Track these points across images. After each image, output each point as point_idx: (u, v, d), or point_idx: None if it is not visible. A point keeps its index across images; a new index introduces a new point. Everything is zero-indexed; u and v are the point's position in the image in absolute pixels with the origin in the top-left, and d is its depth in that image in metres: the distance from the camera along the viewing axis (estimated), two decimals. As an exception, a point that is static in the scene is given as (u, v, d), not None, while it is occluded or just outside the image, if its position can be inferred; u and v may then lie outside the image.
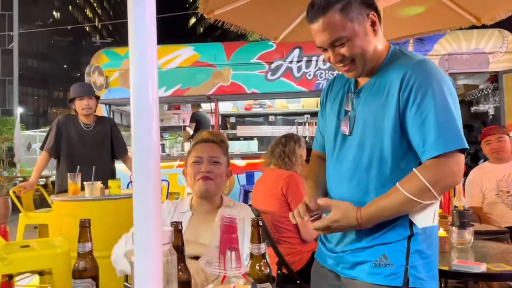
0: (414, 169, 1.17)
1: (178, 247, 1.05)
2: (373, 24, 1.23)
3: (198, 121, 6.83)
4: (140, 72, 0.62)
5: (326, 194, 1.42)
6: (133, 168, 0.63)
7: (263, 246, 1.03)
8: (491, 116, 6.20)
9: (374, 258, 1.23)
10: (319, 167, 1.47)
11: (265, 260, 1.04)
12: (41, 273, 2.04)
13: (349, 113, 1.31)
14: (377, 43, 1.26)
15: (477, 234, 2.19)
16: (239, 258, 0.97)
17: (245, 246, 1.06)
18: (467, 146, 1.16)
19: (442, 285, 2.68)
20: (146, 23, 0.62)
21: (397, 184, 1.18)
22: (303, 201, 1.34)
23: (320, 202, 1.27)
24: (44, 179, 9.95)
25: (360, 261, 1.26)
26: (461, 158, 1.17)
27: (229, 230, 0.98)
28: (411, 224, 1.21)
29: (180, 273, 1.04)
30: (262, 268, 1.03)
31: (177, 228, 1.06)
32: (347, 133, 1.30)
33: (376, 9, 1.25)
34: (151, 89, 0.62)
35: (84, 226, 1.15)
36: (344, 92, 1.37)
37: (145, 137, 0.62)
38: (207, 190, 1.58)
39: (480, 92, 6.35)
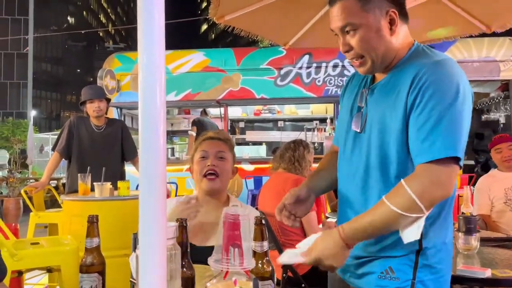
0: (402, 180, 1.11)
1: (183, 243, 1.07)
2: (391, 22, 1.18)
3: (198, 125, 6.92)
4: (148, 76, 0.63)
5: (329, 187, 1.43)
6: (140, 169, 0.64)
7: (265, 244, 1.05)
8: (501, 125, 6.15)
9: (379, 270, 1.20)
10: (329, 160, 1.45)
11: (267, 258, 1.06)
12: (50, 270, 2.08)
13: (361, 110, 1.26)
14: (393, 42, 1.20)
15: (484, 240, 2.17)
16: (241, 254, 0.99)
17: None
18: (459, 155, 1.08)
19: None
20: (155, 28, 0.63)
21: (383, 197, 1.12)
22: (284, 198, 1.34)
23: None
24: (55, 181, 10.08)
25: (366, 272, 1.23)
26: (454, 169, 1.09)
27: (232, 227, 1.00)
28: (421, 238, 1.15)
29: (184, 269, 1.06)
30: (265, 266, 1.05)
31: (182, 224, 1.08)
32: (358, 131, 1.25)
33: (401, 6, 1.20)
34: (159, 94, 0.63)
35: (92, 222, 1.18)
36: (360, 88, 1.32)
37: (152, 140, 0.63)
38: (213, 189, 1.59)
39: (491, 101, 6.31)
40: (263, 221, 1.06)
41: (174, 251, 0.95)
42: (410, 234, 1.11)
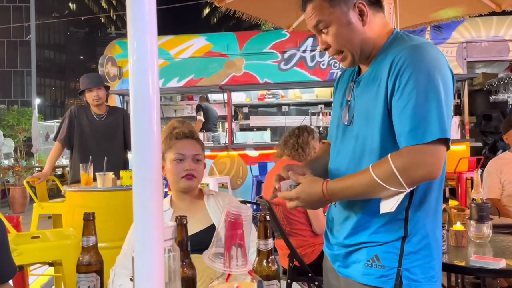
0: (389, 154, 1.13)
1: (183, 242, 1.02)
2: (361, 13, 1.21)
3: (204, 111, 6.83)
4: (139, 64, 0.59)
5: (325, 173, 1.40)
6: (133, 162, 0.60)
7: (270, 242, 1.00)
8: (510, 106, 6.03)
9: (366, 258, 1.21)
10: (324, 150, 1.48)
11: (272, 257, 1.01)
12: (51, 264, 2.04)
13: (349, 103, 1.30)
14: (368, 32, 1.23)
15: (496, 227, 2.12)
16: (245, 254, 0.94)
17: (250, 243, 1.02)
18: (447, 135, 1.09)
19: (459, 280, 2.62)
20: (145, 11, 0.58)
21: (370, 165, 1.15)
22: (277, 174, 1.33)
23: (291, 175, 1.26)
24: (60, 169, 10.11)
25: (354, 260, 1.25)
26: (440, 149, 1.10)
27: (234, 227, 0.94)
28: (406, 224, 1.17)
29: (185, 269, 1.01)
30: (270, 265, 1.00)
31: (181, 222, 1.02)
32: (346, 124, 1.29)
33: None
34: (151, 81, 0.59)
35: (88, 219, 1.12)
36: (349, 81, 1.35)
37: (145, 128, 0.58)
38: (191, 186, 1.62)
39: (500, 81, 6.17)
40: (267, 218, 1.00)
41: (172, 252, 0.89)
42: (387, 205, 1.15)
